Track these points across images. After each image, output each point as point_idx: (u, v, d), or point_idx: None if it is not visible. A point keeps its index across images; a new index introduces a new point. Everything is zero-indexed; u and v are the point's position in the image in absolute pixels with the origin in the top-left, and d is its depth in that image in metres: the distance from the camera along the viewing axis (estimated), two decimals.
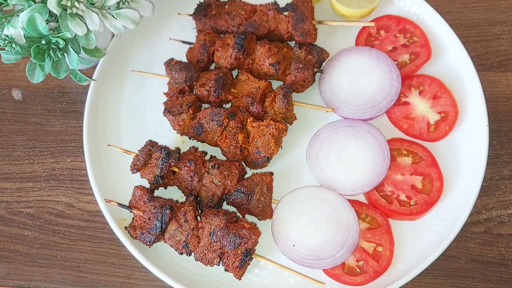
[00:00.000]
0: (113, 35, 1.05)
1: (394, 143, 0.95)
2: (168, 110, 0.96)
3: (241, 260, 0.84)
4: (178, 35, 1.08)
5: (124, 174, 0.96)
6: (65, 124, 1.06)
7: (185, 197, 0.94)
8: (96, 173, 0.95)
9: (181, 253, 0.88)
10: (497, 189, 0.96)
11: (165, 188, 0.95)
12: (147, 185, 0.93)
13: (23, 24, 0.78)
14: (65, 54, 0.83)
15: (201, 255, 0.86)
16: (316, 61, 0.99)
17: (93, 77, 1.00)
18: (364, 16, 1.04)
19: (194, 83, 0.99)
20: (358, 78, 0.98)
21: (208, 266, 0.87)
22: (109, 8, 0.83)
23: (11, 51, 0.80)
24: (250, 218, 0.93)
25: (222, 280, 0.90)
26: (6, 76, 1.10)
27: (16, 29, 0.80)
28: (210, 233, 0.86)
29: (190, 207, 0.88)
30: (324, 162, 0.94)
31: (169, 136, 1.01)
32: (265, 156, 0.92)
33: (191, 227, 0.87)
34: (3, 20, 0.81)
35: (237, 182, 0.90)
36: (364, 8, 1.02)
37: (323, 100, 1.00)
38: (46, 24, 0.79)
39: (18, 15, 0.79)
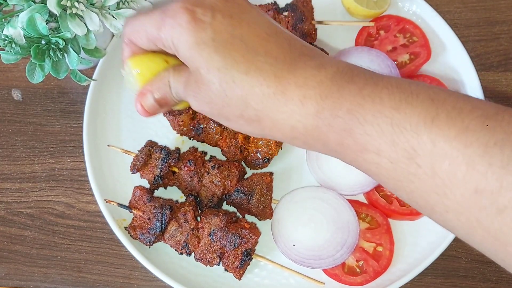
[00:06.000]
0: (113, 35, 1.04)
1: None
2: (168, 111, 0.96)
3: (241, 260, 0.84)
4: None
5: (124, 174, 0.96)
6: (65, 125, 1.06)
7: (185, 197, 0.94)
8: (96, 174, 0.94)
9: (181, 253, 0.88)
10: None
11: (165, 188, 0.95)
12: (147, 185, 0.93)
13: (23, 24, 0.78)
14: (65, 54, 0.83)
15: (201, 255, 0.86)
16: None
17: (93, 77, 1.00)
18: (368, 17, 1.04)
19: None
20: None
21: (208, 266, 0.87)
22: (109, 8, 0.83)
23: (11, 51, 0.80)
24: (250, 218, 0.93)
25: (222, 280, 0.90)
26: (6, 76, 1.10)
27: (16, 29, 0.80)
28: (210, 233, 0.85)
29: (190, 207, 0.88)
30: (324, 162, 0.94)
31: (169, 136, 1.00)
32: (265, 157, 0.92)
33: (191, 227, 0.87)
34: (3, 20, 0.81)
35: (237, 182, 0.90)
36: (371, 9, 1.02)
37: None
38: (46, 24, 0.78)
39: (18, 15, 0.79)
